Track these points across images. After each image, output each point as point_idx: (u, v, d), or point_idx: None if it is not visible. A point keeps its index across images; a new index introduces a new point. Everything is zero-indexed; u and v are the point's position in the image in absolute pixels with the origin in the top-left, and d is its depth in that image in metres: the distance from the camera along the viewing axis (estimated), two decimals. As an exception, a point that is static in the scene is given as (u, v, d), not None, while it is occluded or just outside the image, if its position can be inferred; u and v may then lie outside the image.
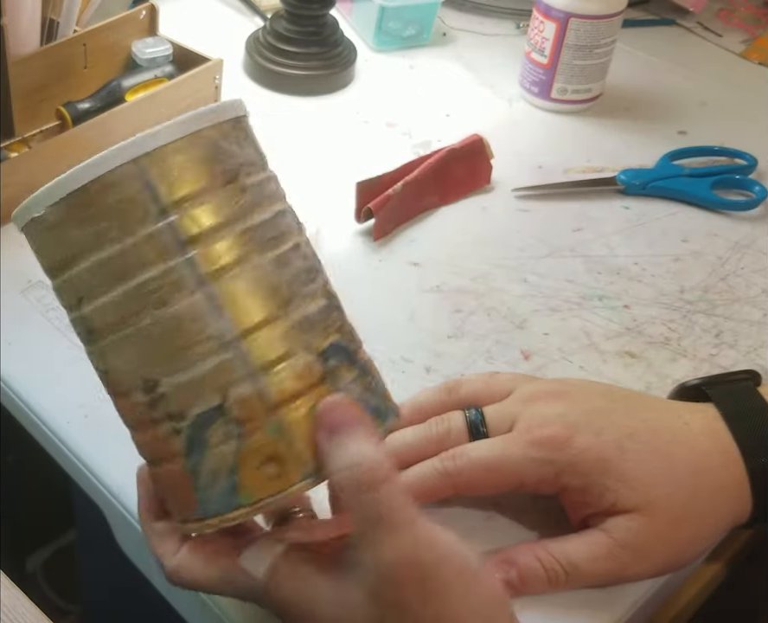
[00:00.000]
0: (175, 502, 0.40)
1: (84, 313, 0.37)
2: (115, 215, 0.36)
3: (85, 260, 0.37)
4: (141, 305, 0.36)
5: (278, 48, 0.88)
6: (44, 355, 0.60)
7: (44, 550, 1.04)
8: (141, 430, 0.39)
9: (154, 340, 0.36)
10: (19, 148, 0.73)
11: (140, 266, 0.36)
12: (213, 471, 0.37)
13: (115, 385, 0.38)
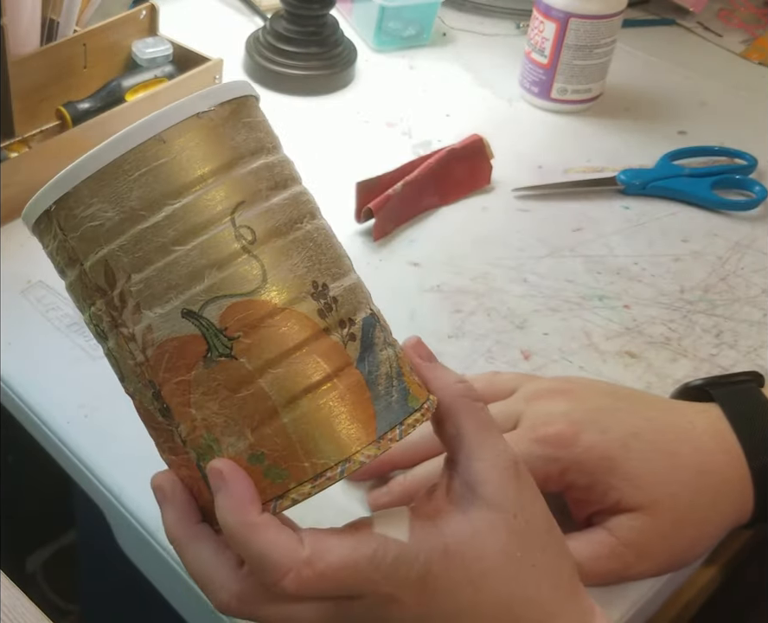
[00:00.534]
0: (338, 431, 0.34)
1: (246, 216, 0.35)
2: (267, 131, 0.38)
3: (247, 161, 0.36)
4: (301, 213, 0.37)
5: (278, 48, 0.88)
6: (44, 355, 0.60)
7: (44, 550, 1.04)
8: (309, 344, 0.35)
9: (318, 246, 0.36)
10: (19, 148, 0.73)
11: (292, 180, 0.38)
12: (386, 375, 0.36)
13: (282, 292, 0.35)
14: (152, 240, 0.34)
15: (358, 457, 0.34)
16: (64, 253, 0.36)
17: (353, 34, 0.97)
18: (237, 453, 0.35)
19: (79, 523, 0.76)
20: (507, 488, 0.36)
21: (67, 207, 0.35)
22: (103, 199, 0.34)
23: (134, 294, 0.35)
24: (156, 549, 0.51)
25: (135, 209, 0.34)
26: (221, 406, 0.34)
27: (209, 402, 0.34)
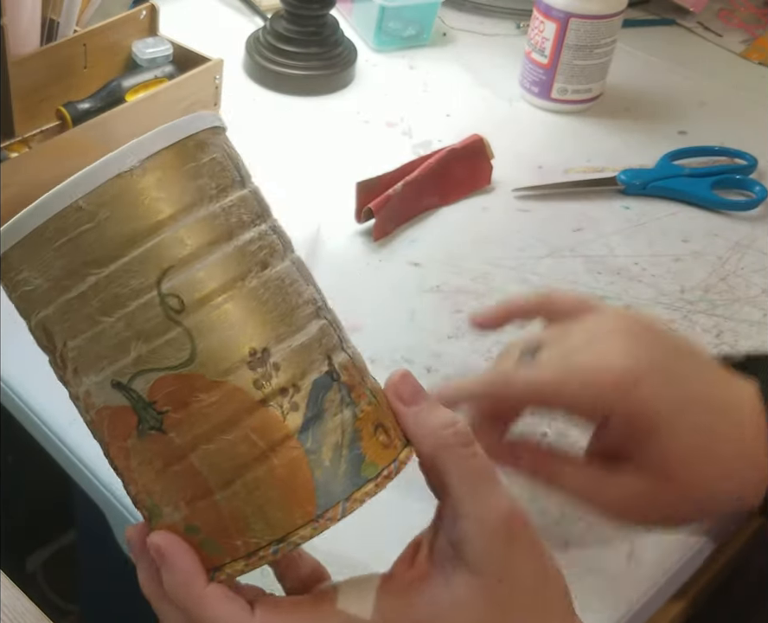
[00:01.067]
0: (271, 510, 0.33)
1: (174, 284, 0.32)
2: (212, 174, 0.34)
3: (191, 213, 0.33)
4: (245, 268, 0.33)
5: (279, 48, 0.88)
6: (44, 355, 0.60)
7: (44, 550, 1.04)
8: (242, 419, 0.32)
9: (263, 304, 0.33)
10: (19, 148, 0.73)
11: (241, 225, 0.34)
12: (335, 445, 0.33)
13: (213, 364, 0.32)
14: (79, 309, 0.33)
15: (292, 538, 0.32)
16: (16, 305, 0.36)
17: (353, 34, 0.97)
18: (174, 523, 0.34)
19: (79, 523, 0.76)
20: (493, 549, 0.33)
21: (3, 268, 0.35)
22: (31, 266, 0.33)
23: (71, 359, 0.34)
24: (156, 549, 0.51)
25: (59, 279, 0.33)
26: (157, 476, 0.34)
27: (146, 471, 0.34)
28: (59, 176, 0.79)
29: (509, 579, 0.33)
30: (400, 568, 0.35)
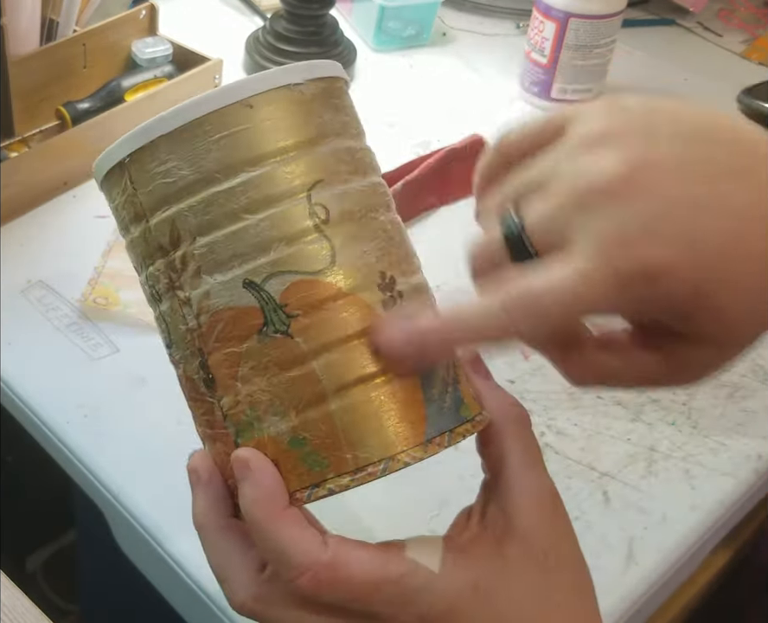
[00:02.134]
0: (386, 427, 0.33)
1: (322, 196, 0.34)
2: (352, 116, 0.39)
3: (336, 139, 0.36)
4: (377, 203, 0.36)
5: (278, 47, 0.88)
6: (44, 355, 0.60)
7: (44, 550, 1.04)
8: (369, 334, 0.33)
9: (390, 238, 0.35)
10: (19, 148, 0.73)
11: (372, 169, 0.37)
12: (443, 380, 0.34)
13: (348, 277, 0.33)
14: (224, 204, 0.33)
15: (403, 457, 0.33)
16: (131, 208, 0.35)
17: (353, 34, 0.97)
18: (278, 434, 0.33)
19: (78, 523, 0.76)
20: (542, 523, 0.35)
21: (141, 160, 0.34)
22: (180, 156, 0.33)
23: (197, 258, 0.34)
24: (155, 549, 0.51)
25: (211, 171, 0.33)
26: (269, 383, 0.33)
27: (257, 378, 0.33)
28: (59, 175, 0.80)
29: (555, 552, 0.35)
30: (455, 532, 0.36)
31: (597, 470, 0.57)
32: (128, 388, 0.59)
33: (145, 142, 0.34)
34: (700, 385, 0.38)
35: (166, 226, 0.34)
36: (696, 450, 0.59)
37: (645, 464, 0.57)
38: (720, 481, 0.57)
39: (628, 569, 0.52)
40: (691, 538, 0.54)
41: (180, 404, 0.55)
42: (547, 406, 0.60)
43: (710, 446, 0.59)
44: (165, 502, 0.53)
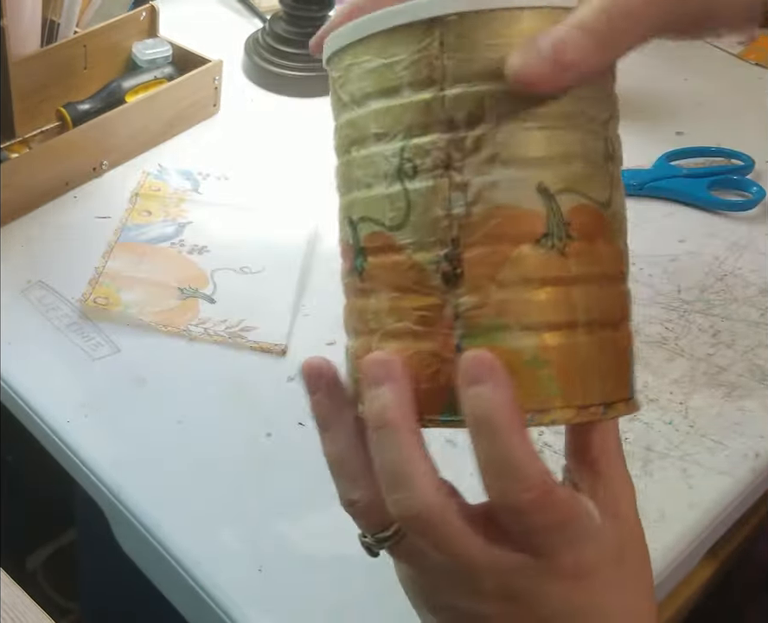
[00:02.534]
0: (615, 373, 0.33)
1: (613, 132, 0.34)
2: None
3: None
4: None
5: (277, 49, 0.88)
6: (44, 355, 0.61)
7: (44, 549, 1.05)
8: (622, 283, 0.34)
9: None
10: (19, 149, 0.74)
11: None
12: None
13: (623, 226, 0.34)
14: (539, 104, 0.31)
15: (620, 407, 0.33)
16: (424, 69, 0.32)
17: None
18: (519, 349, 0.32)
19: (79, 522, 0.76)
20: (631, 520, 0.36)
21: (469, 25, 0.31)
22: (508, 40, 0.31)
23: (495, 145, 0.31)
24: (156, 548, 0.52)
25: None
26: (530, 294, 0.32)
27: (518, 287, 0.32)
28: (59, 176, 0.80)
29: (638, 546, 0.36)
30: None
31: (594, 469, 0.57)
32: (128, 387, 0.59)
33: (484, 7, 0.31)
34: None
35: (469, 101, 0.31)
36: (693, 449, 0.59)
37: (642, 463, 0.58)
38: (717, 480, 0.57)
39: (625, 568, 0.52)
40: (689, 537, 0.55)
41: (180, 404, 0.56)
42: (545, 405, 0.60)
43: (707, 446, 0.59)
44: (165, 500, 0.53)
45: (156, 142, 0.79)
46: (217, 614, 0.49)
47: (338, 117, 0.35)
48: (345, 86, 0.34)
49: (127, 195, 0.74)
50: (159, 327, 0.63)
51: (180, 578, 0.51)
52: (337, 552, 0.51)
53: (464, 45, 0.31)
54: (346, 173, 0.34)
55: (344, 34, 0.34)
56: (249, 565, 0.50)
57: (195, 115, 0.82)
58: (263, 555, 0.51)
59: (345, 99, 0.34)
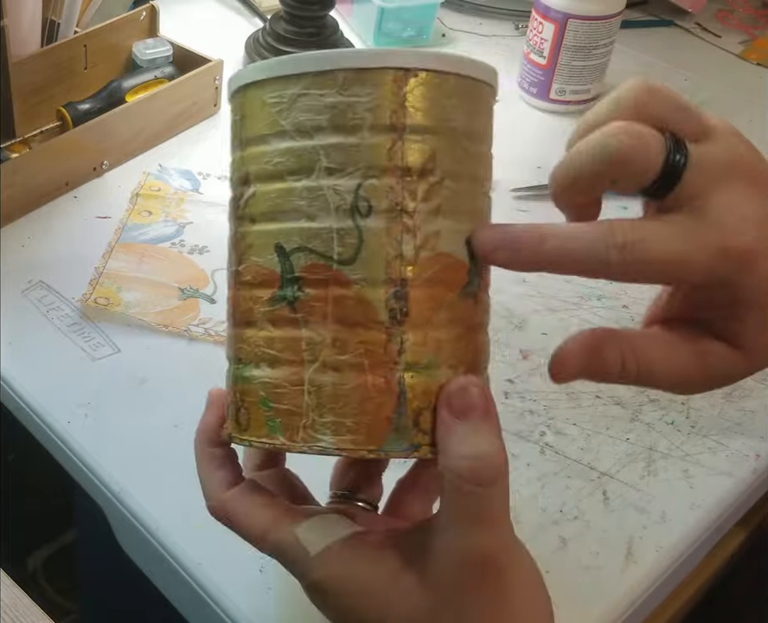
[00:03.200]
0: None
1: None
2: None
3: None
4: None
5: (278, 49, 0.88)
6: (44, 354, 0.61)
7: (45, 549, 1.05)
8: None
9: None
10: (20, 149, 0.74)
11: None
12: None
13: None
14: (479, 164, 0.36)
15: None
16: (388, 116, 0.33)
17: (352, 35, 0.97)
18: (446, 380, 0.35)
19: (79, 523, 0.76)
20: (446, 574, 0.34)
21: (428, 83, 0.34)
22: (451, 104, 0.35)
23: (442, 197, 0.34)
24: (156, 548, 0.51)
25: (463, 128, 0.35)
26: (456, 338, 0.35)
27: (446, 329, 0.35)
28: (60, 176, 0.80)
29: (452, 607, 0.34)
30: (375, 535, 0.37)
31: (596, 469, 0.57)
32: (129, 388, 0.59)
33: (448, 70, 0.35)
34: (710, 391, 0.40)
35: (426, 151, 0.34)
36: (695, 449, 0.59)
37: (644, 463, 0.57)
38: (718, 480, 0.57)
39: (627, 569, 0.52)
40: (690, 537, 0.55)
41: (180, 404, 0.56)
42: (547, 406, 0.60)
43: (709, 446, 0.59)
44: (166, 501, 0.53)
45: (157, 142, 0.79)
46: (217, 615, 0.49)
47: (269, 141, 0.35)
48: (288, 114, 0.34)
49: (127, 195, 0.74)
50: (160, 327, 0.63)
51: (180, 578, 0.51)
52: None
53: (425, 99, 0.34)
54: (278, 200, 0.35)
55: (289, 63, 0.35)
56: (249, 565, 0.50)
57: (195, 115, 0.82)
58: (263, 555, 0.51)
59: (286, 126, 0.34)
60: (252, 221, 0.35)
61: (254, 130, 0.35)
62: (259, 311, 0.35)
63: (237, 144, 0.36)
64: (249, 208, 0.36)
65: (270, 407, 0.35)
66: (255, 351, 0.36)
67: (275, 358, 0.35)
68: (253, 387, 0.36)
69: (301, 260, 0.34)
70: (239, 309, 0.36)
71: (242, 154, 0.36)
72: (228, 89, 0.37)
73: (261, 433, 0.36)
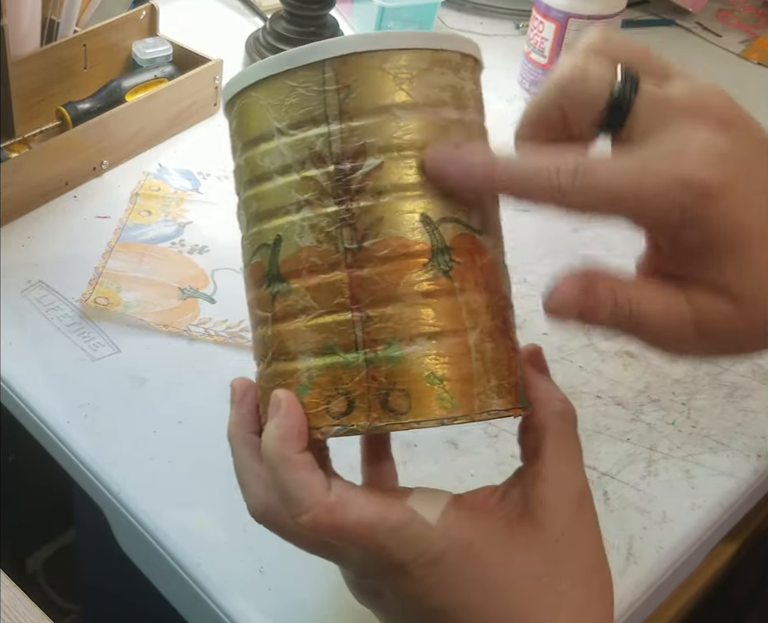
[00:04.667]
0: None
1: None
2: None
3: None
4: None
5: (278, 48, 0.88)
6: (44, 355, 0.61)
7: (44, 550, 1.05)
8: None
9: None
10: (19, 148, 0.73)
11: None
12: None
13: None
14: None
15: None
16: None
17: (353, 34, 0.97)
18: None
19: (79, 523, 0.76)
20: (559, 514, 0.36)
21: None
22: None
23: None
24: (156, 548, 0.51)
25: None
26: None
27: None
28: (59, 176, 0.80)
29: (567, 541, 0.36)
30: (471, 498, 0.37)
31: (597, 469, 0.57)
32: (128, 388, 0.59)
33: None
34: (726, 360, 0.39)
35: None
36: (696, 449, 0.59)
37: (645, 463, 0.57)
38: (719, 481, 0.57)
39: (627, 569, 0.52)
40: (691, 538, 0.55)
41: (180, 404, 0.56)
42: (547, 406, 0.60)
43: (709, 446, 0.59)
44: (165, 501, 0.53)
45: (157, 141, 0.79)
46: (217, 615, 0.49)
47: (395, 113, 0.35)
48: (416, 84, 0.36)
49: (127, 194, 0.74)
50: (159, 327, 0.63)
51: (180, 579, 0.50)
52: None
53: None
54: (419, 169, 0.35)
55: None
56: (249, 565, 0.50)
57: (195, 114, 0.81)
58: (263, 556, 0.51)
59: (415, 97, 0.36)
60: (379, 194, 0.34)
61: (371, 101, 0.35)
62: (408, 284, 0.34)
63: (350, 116, 0.34)
64: (373, 181, 0.34)
65: (439, 381, 0.34)
66: (407, 328, 0.34)
67: (436, 330, 0.34)
68: (411, 364, 0.34)
69: (449, 231, 0.35)
70: (373, 287, 0.34)
71: (358, 124, 0.34)
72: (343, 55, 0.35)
73: (431, 411, 0.34)
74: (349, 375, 0.34)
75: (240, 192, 0.39)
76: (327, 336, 0.34)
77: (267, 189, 0.36)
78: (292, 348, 0.35)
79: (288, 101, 0.35)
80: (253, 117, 0.36)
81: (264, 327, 0.37)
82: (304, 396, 0.35)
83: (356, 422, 0.34)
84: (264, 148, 0.36)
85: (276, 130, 0.35)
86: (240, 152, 0.38)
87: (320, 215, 0.34)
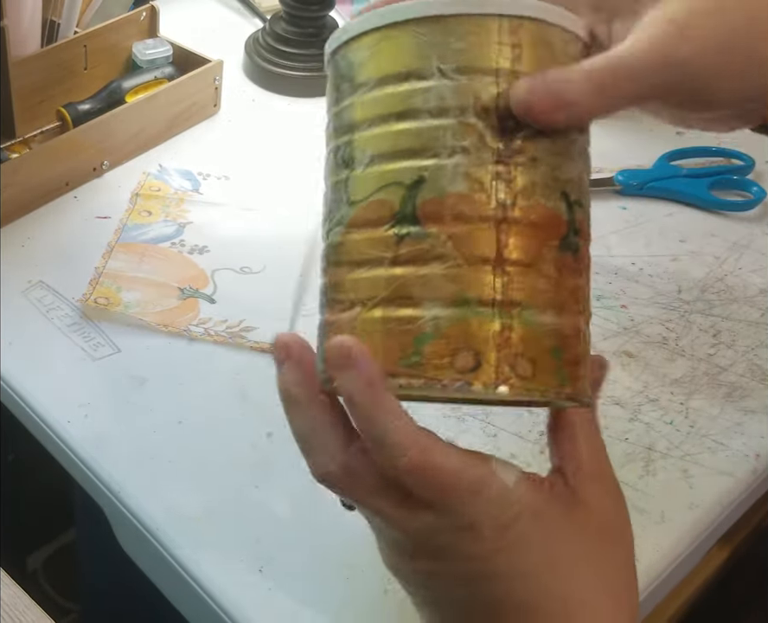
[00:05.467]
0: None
1: None
2: None
3: None
4: None
5: (278, 49, 0.88)
6: (44, 355, 0.61)
7: (45, 549, 1.05)
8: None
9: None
10: (20, 149, 0.74)
11: None
12: None
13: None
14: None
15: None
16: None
17: None
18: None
19: (79, 522, 0.76)
20: (606, 504, 0.38)
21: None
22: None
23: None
24: (156, 548, 0.51)
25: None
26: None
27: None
28: (60, 176, 0.80)
29: (613, 531, 0.38)
30: (533, 477, 0.37)
31: (595, 469, 0.57)
32: (128, 387, 0.59)
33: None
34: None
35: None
36: (694, 449, 0.59)
37: (643, 463, 0.58)
38: (718, 480, 0.57)
39: (626, 568, 0.52)
40: (689, 537, 0.55)
41: (180, 404, 0.56)
42: (546, 405, 0.60)
43: (708, 446, 0.59)
44: (166, 500, 0.53)
45: (157, 142, 0.79)
46: (217, 614, 0.49)
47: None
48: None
49: (127, 195, 0.74)
50: (159, 327, 0.63)
51: (180, 578, 0.51)
52: (338, 552, 0.51)
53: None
54: (564, 149, 0.35)
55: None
56: (249, 565, 0.50)
57: (195, 115, 0.82)
58: (263, 555, 0.51)
59: None
60: (534, 160, 0.34)
61: (540, 68, 0.34)
62: (549, 252, 0.34)
63: (519, 76, 0.34)
64: (534, 146, 0.34)
65: (560, 358, 0.33)
66: (541, 297, 0.33)
67: (562, 305, 0.34)
68: (542, 334, 0.33)
69: (578, 214, 0.35)
70: (518, 249, 0.33)
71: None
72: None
73: (551, 384, 0.33)
74: (483, 330, 0.32)
75: (354, 130, 0.38)
76: (463, 287, 0.32)
77: (411, 127, 0.34)
78: (417, 294, 0.33)
79: (456, 45, 0.33)
80: (406, 52, 0.34)
81: (373, 268, 0.35)
82: (425, 345, 0.33)
83: (482, 379, 0.32)
84: (417, 86, 0.34)
85: (437, 70, 0.33)
86: (368, 88, 0.36)
87: (476, 165, 0.33)
